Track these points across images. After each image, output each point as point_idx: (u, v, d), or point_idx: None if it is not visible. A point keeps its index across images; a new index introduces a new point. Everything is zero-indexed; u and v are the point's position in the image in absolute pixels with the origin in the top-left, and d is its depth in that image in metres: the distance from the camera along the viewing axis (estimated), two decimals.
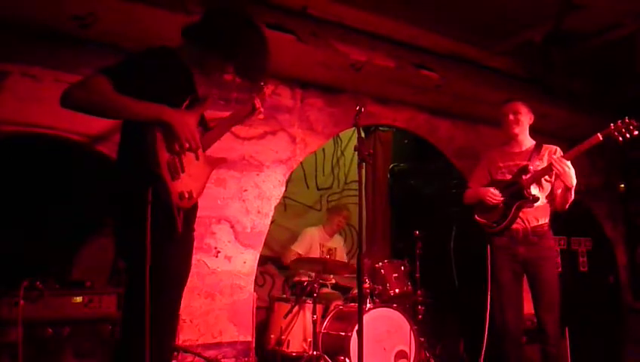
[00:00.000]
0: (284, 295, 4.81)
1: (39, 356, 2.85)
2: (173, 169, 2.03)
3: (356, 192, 2.89)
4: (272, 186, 4.27)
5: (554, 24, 4.03)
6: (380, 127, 5.52)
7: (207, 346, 3.79)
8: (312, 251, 4.89)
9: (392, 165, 5.93)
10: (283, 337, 4.06)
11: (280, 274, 5.42)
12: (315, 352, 3.83)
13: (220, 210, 3.99)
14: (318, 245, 4.94)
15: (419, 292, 4.29)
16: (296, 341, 4.05)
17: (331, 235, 5.08)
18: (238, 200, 4.09)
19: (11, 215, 3.38)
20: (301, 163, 4.72)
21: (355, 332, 3.15)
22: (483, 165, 3.70)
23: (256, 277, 4.37)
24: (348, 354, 3.69)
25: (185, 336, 3.70)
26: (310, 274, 4.34)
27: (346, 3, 3.77)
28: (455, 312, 5.39)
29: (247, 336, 4.01)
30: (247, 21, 2.24)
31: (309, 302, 4.07)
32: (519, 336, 3.40)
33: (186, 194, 2.07)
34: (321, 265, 4.23)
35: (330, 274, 4.57)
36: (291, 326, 4.09)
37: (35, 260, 3.27)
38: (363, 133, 5.43)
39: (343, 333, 3.83)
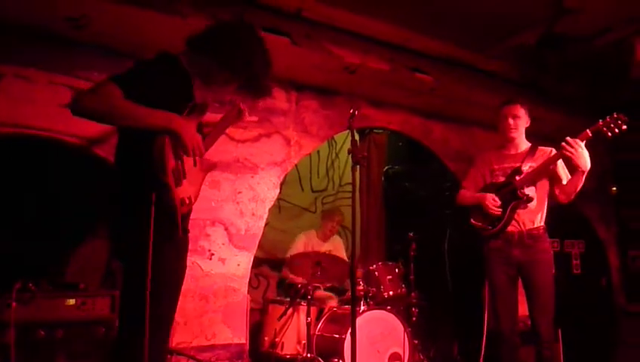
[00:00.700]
0: (278, 297, 4.80)
1: (32, 358, 2.84)
2: (177, 176, 2.06)
3: (351, 194, 2.89)
4: (266, 188, 4.27)
5: (547, 28, 4.05)
6: (375, 130, 5.53)
7: (201, 348, 3.79)
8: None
9: (386, 167, 5.94)
10: (277, 339, 4.06)
11: (274, 276, 5.41)
12: (309, 354, 3.83)
13: (214, 212, 3.99)
14: (310, 249, 4.91)
15: (413, 295, 4.30)
16: (291, 343, 4.05)
17: (325, 240, 5.06)
18: (232, 202, 4.09)
19: (4, 216, 3.36)
20: (296, 165, 4.72)
21: (349, 335, 3.15)
22: (478, 167, 3.69)
23: (251, 279, 4.37)
24: (342, 357, 3.69)
25: (178, 339, 3.69)
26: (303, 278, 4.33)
27: (341, 6, 3.78)
28: (449, 314, 5.41)
29: (241, 338, 4.00)
30: (257, 39, 2.27)
31: (303, 304, 4.07)
32: (514, 339, 3.40)
33: (187, 200, 2.11)
34: (316, 266, 4.23)
35: (328, 278, 4.54)
36: (285, 328, 4.09)
37: (28, 262, 3.26)
38: (358, 136, 5.46)
39: (337, 336, 3.83)
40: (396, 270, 4.32)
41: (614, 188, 6.06)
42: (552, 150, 3.43)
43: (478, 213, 3.57)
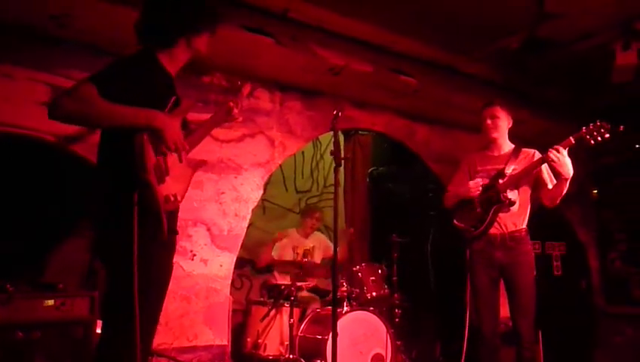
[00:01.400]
0: (261, 298, 4.79)
1: (9, 360, 2.79)
2: (159, 173, 2.04)
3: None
4: (250, 189, 4.26)
5: (529, 32, 4.09)
6: (360, 131, 5.55)
7: (182, 350, 3.76)
8: (285, 255, 4.87)
9: (370, 169, 5.96)
10: (260, 340, 4.04)
11: (257, 277, 5.40)
12: (292, 355, 3.83)
13: (196, 212, 3.97)
14: (291, 248, 4.91)
15: (396, 296, 4.32)
16: (273, 344, 4.04)
17: (306, 236, 5.06)
18: (215, 202, 4.07)
19: None
20: (280, 166, 4.71)
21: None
22: (463, 168, 3.71)
23: (234, 280, 4.35)
24: (324, 358, 3.69)
25: (159, 340, 3.66)
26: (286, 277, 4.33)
27: (327, 7, 3.78)
28: (432, 315, 5.44)
29: (223, 340, 3.98)
30: None
31: (286, 306, 4.06)
32: (495, 340, 3.42)
33: (171, 197, 2.09)
34: (297, 267, 4.23)
35: (307, 276, 4.56)
36: (268, 329, 4.08)
37: (6, 262, 3.21)
38: (343, 137, 5.47)
39: (319, 336, 3.83)
40: (379, 271, 4.33)
41: (595, 191, 6.15)
42: (535, 152, 3.45)
43: (461, 215, 3.59)
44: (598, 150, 3.27)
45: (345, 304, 4.00)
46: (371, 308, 4.05)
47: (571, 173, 3.21)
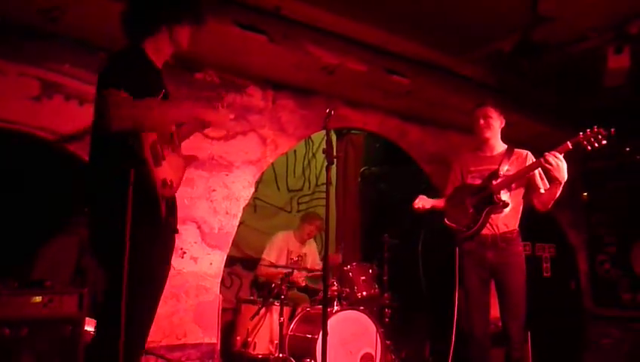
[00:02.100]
0: (251, 296, 4.77)
1: None
2: (155, 154, 2.02)
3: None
4: (241, 187, 4.24)
5: (523, 35, 4.10)
6: (352, 131, 5.54)
7: (171, 348, 3.74)
8: (280, 258, 4.85)
9: (362, 168, 5.96)
10: (249, 339, 4.03)
11: (248, 276, 5.38)
12: (282, 354, 3.82)
13: (187, 209, 3.94)
14: (285, 251, 4.88)
15: (386, 296, 4.32)
16: (263, 343, 4.02)
17: (302, 242, 5.04)
18: (205, 200, 4.05)
19: None
20: (272, 164, 4.70)
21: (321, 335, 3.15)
22: (455, 172, 3.71)
23: (224, 279, 4.33)
24: (314, 357, 3.68)
25: (148, 338, 3.62)
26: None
27: (320, 5, 3.77)
28: (422, 315, 5.44)
29: (212, 338, 3.96)
30: None
31: (276, 304, 4.05)
32: (485, 341, 3.42)
33: (168, 181, 2.06)
34: (290, 271, 4.23)
35: (299, 277, 4.56)
36: (258, 328, 4.06)
37: None
38: (335, 136, 5.46)
39: (309, 336, 3.82)
40: (370, 271, 4.32)
41: (586, 194, 6.18)
42: (528, 153, 3.46)
43: (453, 215, 3.59)
44: (588, 153, 3.28)
45: (335, 303, 4.00)
46: (361, 308, 4.04)
47: (565, 177, 3.22)
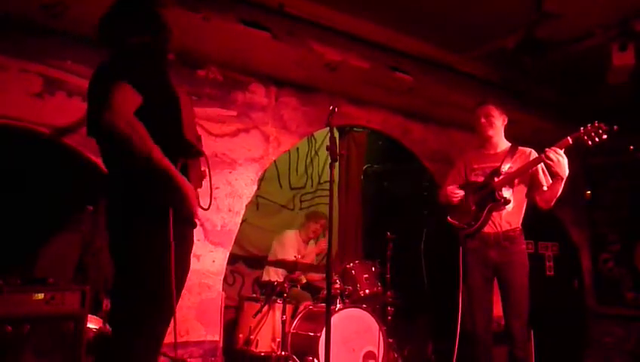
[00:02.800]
0: (253, 294, 4.77)
1: None
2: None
3: (329, 192, 2.89)
4: (244, 184, 4.23)
5: (526, 32, 4.09)
6: (355, 128, 5.53)
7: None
8: (286, 254, 4.82)
9: (365, 166, 5.95)
10: (252, 337, 4.02)
11: (250, 274, 5.37)
12: (284, 352, 3.82)
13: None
14: (295, 251, 4.86)
15: (389, 294, 4.31)
16: (265, 341, 4.02)
17: (306, 242, 5.02)
18: (208, 197, 4.03)
19: None
20: (275, 162, 4.68)
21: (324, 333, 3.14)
22: (459, 166, 3.70)
23: (226, 276, 4.33)
24: (317, 355, 3.68)
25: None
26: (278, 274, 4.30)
27: (323, 2, 3.75)
28: (424, 314, 5.44)
29: (215, 336, 3.95)
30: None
31: (278, 302, 4.05)
32: (488, 340, 3.42)
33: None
34: (292, 265, 4.22)
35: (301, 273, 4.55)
36: (260, 325, 4.06)
37: None
38: (337, 134, 5.45)
39: (312, 333, 3.82)
40: (373, 269, 4.32)
41: (589, 192, 6.16)
42: (532, 151, 3.45)
43: (455, 212, 3.59)
44: (592, 151, 3.27)
45: (338, 301, 3.99)
46: (364, 306, 4.04)
47: (567, 173, 3.21)
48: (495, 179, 3.42)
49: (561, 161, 3.18)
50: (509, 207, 3.41)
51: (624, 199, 5.93)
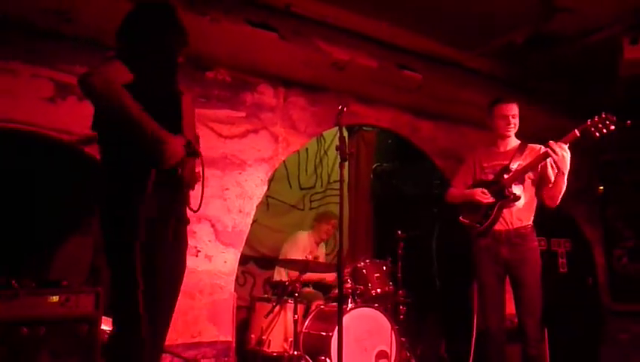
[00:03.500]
0: (265, 294, 4.78)
1: (14, 356, 2.78)
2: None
3: (339, 192, 2.89)
4: (254, 185, 4.24)
5: (535, 26, 4.06)
6: (364, 127, 5.52)
7: (187, 346, 3.75)
8: (296, 255, 4.81)
9: (375, 165, 5.94)
10: (264, 337, 4.04)
11: (261, 274, 5.39)
12: (296, 352, 3.82)
13: (201, 208, 3.94)
14: (308, 252, 4.84)
15: (400, 292, 4.30)
16: (277, 341, 4.03)
17: (318, 243, 5.01)
18: (219, 198, 4.06)
19: None
20: (284, 162, 4.69)
21: (336, 332, 3.14)
22: (469, 164, 3.69)
23: (238, 277, 4.34)
24: (329, 354, 3.68)
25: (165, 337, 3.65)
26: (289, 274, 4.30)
27: (330, 2, 3.76)
28: (436, 312, 5.42)
29: (227, 336, 3.97)
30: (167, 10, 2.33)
31: (290, 302, 4.05)
32: (501, 337, 3.40)
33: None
34: (303, 264, 4.22)
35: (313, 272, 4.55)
36: (272, 325, 4.07)
37: (11, 258, 3.21)
38: (347, 133, 5.44)
39: (324, 333, 3.82)
40: (384, 268, 4.31)
41: (601, 187, 6.10)
42: (541, 147, 3.42)
43: (466, 211, 3.57)
44: (604, 146, 3.24)
45: (349, 300, 3.99)
46: (376, 305, 4.03)
47: (568, 167, 3.19)
48: (505, 176, 3.40)
49: (565, 156, 3.17)
50: (519, 204, 3.39)
51: (637, 194, 5.87)
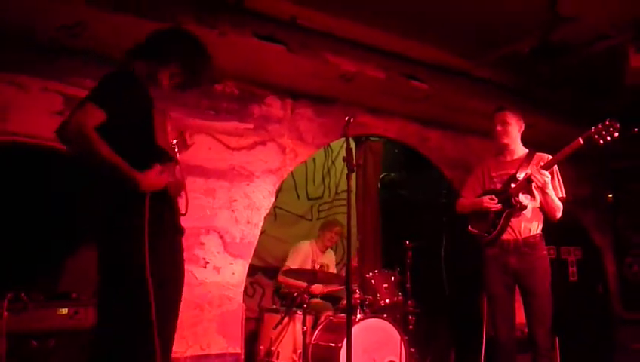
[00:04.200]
0: (274, 305, 4.77)
1: None
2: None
3: (346, 202, 2.89)
4: (261, 196, 4.25)
5: (542, 35, 4.06)
6: (371, 137, 5.53)
7: (196, 358, 3.75)
8: (303, 267, 4.82)
9: (382, 175, 5.94)
10: (273, 348, 4.03)
11: (270, 285, 5.38)
12: None
13: (209, 220, 3.97)
14: (310, 261, 4.85)
15: (409, 303, 4.28)
16: (286, 352, 4.02)
17: (323, 251, 5.01)
18: (227, 210, 4.07)
19: None
20: (292, 172, 4.70)
21: (345, 343, 3.13)
22: (477, 174, 3.70)
23: (246, 288, 4.34)
24: None
25: (172, 348, 3.65)
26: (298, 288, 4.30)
27: (337, 14, 3.78)
28: (446, 322, 5.38)
29: (236, 348, 3.97)
30: (187, 35, 2.44)
31: (299, 313, 4.04)
32: (511, 347, 3.38)
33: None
34: (312, 276, 4.21)
35: (322, 284, 4.54)
36: (281, 337, 4.06)
37: (21, 271, 3.23)
38: (354, 143, 5.45)
39: (333, 344, 3.80)
40: (392, 278, 4.29)
41: (610, 195, 6.07)
42: (548, 156, 3.43)
43: (475, 220, 3.57)
44: (612, 153, 3.25)
45: (358, 311, 3.98)
46: (385, 315, 4.02)
47: (550, 188, 3.28)
48: (512, 185, 3.41)
49: (547, 181, 3.26)
50: (527, 213, 3.39)
51: None
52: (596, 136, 3.18)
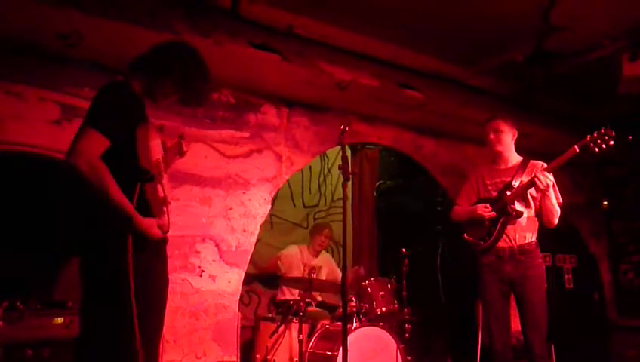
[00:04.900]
0: (269, 314, 4.76)
1: None
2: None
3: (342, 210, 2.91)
4: (257, 204, 4.26)
5: (535, 44, 4.10)
6: (367, 145, 5.55)
7: None
8: (293, 270, 4.84)
9: (378, 183, 5.96)
10: (269, 357, 4.01)
11: (266, 293, 5.38)
12: None
13: (205, 228, 3.97)
14: (300, 264, 4.87)
15: (406, 311, 4.28)
16: (283, 360, 4.00)
17: (315, 255, 5.03)
18: (223, 218, 4.07)
19: None
20: (288, 180, 4.71)
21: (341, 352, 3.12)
22: (471, 182, 3.71)
23: (242, 296, 4.34)
24: None
25: (168, 357, 3.65)
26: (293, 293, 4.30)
27: (332, 23, 3.81)
28: (442, 330, 5.38)
29: (232, 356, 3.96)
30: (192, 54, 2.41)
31: (295, 321, 4.03)
32: (507, 355, 3.38)
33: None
34: (306, 283, 4.21)
35: (317, 291, 4.54)
36: (277, 345, 4.05)
37: (16, 280, 3.22)
38: (350, 151, 5.47)
39: (329, 353, 3.79)
40: (389, 286, 4.29)
41: (605, 202, 6.10)
42: (543, 164, 3.45)
43: (470, 228, 3.58)
44: (607, 160, 3.27)
45: (354, 319, 3.97)
46: (381, 324, 4.01)
47: (551, 190, 3.29)
48: (507, 193, 3.42)
49: (549, 184, 3.26)
50: (522, 221, 3.40)
51: None
52: (592, 144, 3.21)
